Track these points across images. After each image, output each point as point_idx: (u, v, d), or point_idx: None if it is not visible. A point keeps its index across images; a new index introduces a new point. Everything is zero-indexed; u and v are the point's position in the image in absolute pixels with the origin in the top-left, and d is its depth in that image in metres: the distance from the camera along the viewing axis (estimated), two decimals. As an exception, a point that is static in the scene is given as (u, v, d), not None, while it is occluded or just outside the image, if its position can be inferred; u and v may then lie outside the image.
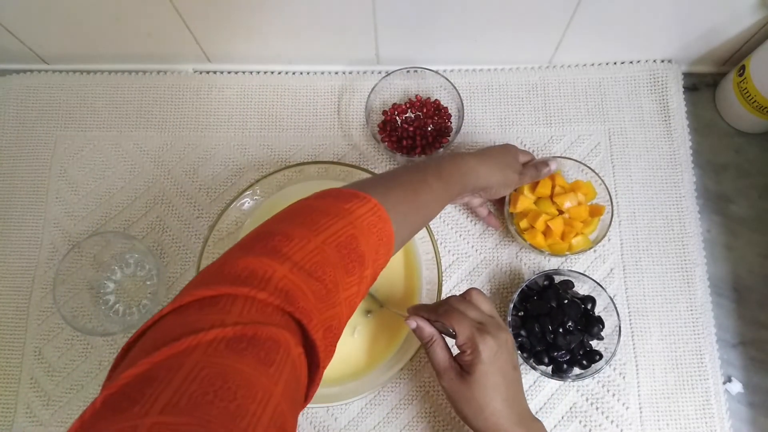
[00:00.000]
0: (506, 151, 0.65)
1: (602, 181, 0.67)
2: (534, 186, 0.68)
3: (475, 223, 0.73)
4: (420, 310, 0.57)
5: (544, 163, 0.67)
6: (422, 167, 0.54)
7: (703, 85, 0.78)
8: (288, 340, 0.33)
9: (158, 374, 0.28)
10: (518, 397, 0.53)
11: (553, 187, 0.68)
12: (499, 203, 0.71)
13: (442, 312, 0.54)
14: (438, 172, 0.54)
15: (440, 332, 0.56)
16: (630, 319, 0.69)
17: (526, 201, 0.67)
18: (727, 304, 0.70)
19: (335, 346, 0.40)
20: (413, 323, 0.56)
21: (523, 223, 0.68)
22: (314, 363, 0.36)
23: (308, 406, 0.62)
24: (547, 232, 0.67)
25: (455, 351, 0.54)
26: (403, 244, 0.51)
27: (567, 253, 0.67)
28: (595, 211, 0.68)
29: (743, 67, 0.70)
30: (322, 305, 0.37)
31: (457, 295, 0.58)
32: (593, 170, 0.68)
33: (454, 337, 0.53)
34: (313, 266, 0.38)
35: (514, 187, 0.65)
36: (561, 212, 0.68)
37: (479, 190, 0.61)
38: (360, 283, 0.42)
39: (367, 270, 0.43)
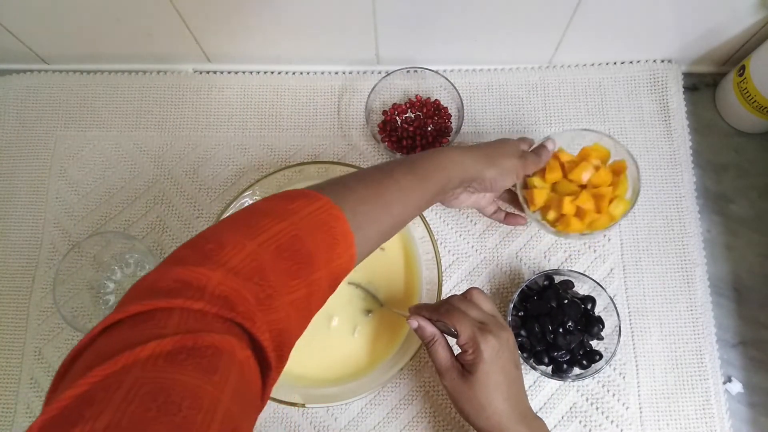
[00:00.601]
0: (499, 140, 0.61)
1: (609, 137, 0.62)
2: (542, 174, 0.63)
3: (476, 223, 0.73)
4: (421, 310, 0.57)
5: (542, 146, 0.62)
6: (393, 164, 0.52)
7: (703, 85, 0.78)
8: (232, 345, 0.32)
9: (96, 395, 0.27)
10: (520, 395, 0.53)
11: (562, 166, 0.63)
12: (516, 203, 0.66)
13: (443, 311, 0.54)
14: (410, 168, 0.51)
15: (441, 332, 0.56)
16: (630, 319, 0.69)
17: (542, 193, 0.62)
18: (727, 304, 0.70)
19: (289, 350, 0.39)
20: (415, 323, 0.56)
21: (551, 215, 0.62)
22: (266, 365, 0.36)
23: (308, 406, 0.62)
24: (579, 213, 0.61)
25: (457, 350, 0.54)
26: (375, 245, 0.49)
27: (611, 223, 0.61)
28: (618, 169, 0.62)
29: (743, 67, 0.70)
30: (265, 308, 0.36)
31: (458, 294, 0.58)
32: (594, 130, 0.63)
33: (455, 336, 0.53)
34: (249, 271, 0.36)
35: (515, 174, 0.59)
36: (584, 187, 0.62)
37: (469, 182, 0.57)
38: (310, 286, 0.40)
39: (319, 272, 0.41)
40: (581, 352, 0.65)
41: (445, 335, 0.56)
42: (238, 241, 0.38)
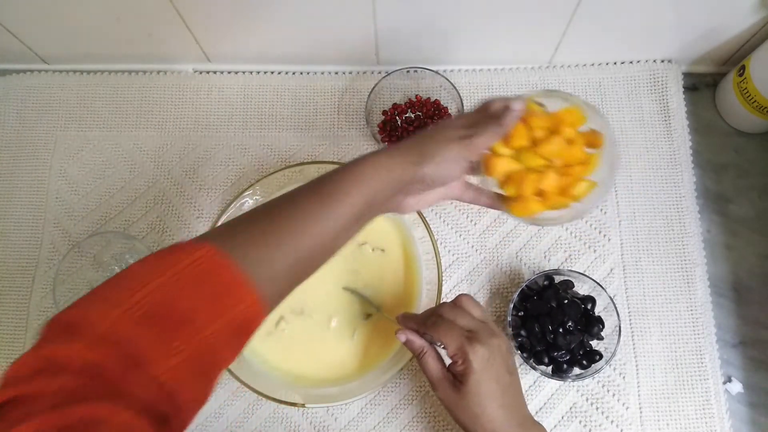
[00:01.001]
0: (435, 126, 0.52)
1: (591, 105, 0.52)
2: (507, 138, 0.50)
3: (476, 223, 0.73)
4: (409, 321, 0.56)
5: (506, 109, 0.48)
6: (301, 188, 0.46)
7: (703, 85, 0.78)
8: (109, 411, 0.32)
9: None
10: (516, 402, 0.52)
11: (530, 132, 0.50)
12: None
13: (430, 324, 0.54)
14: (315, 191, 0.45)
15: (432, 342, 0.55)
16: (630, 319, 0.69)
17: (502, 161, 0.50)
18: (727, 304, 0.70)
19: (189, 407, 0.37)
20: (403, 337, 0.55)
21: (510, 190, 0.51)
22: (161, 420, 0.34)
23: (308, 406, 0.62)
24: (541, 194, 0.51)
25: (449, 360, 0.54)
26: (292, 282, 0.44)
27: (571, 203, 0.52)
28: (592, 142, 0.51)
29: (743, 67, 0.70)
30: (139, 372, 0.34)
31: (448, 302, 0.57)
32: (573, 95, 0.52)
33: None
34: (116, 340, 0.35)
35: (461, 159, 0.49)
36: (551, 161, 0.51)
37: (406, 187, 0.48)
38: (200, 343, 0.37)
39: (210, 327, 0.38)
40: (581, 352, 0.65)
41: (436, 345, 0.55)
42: (102, 311, 0.36)
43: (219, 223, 0.67)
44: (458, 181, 0.54)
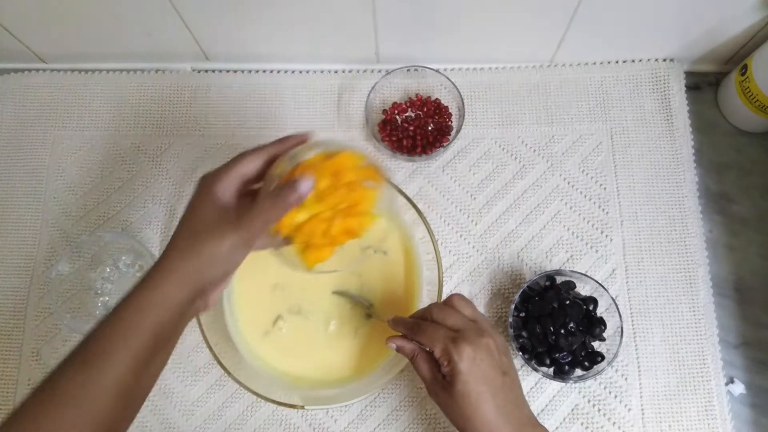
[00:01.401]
0: (197, 208, 0.46)
1: (358, 150, 0.50)
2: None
3: (477, 224, 0.72)
4: (399, 325, 0.56)
5: (290, 187, 0.45)
6: (68, 356, 0.42)
7: (705, 85, 0.78)
8: None
9: None
10: (513, 403, 0.51)
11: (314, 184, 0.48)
12: None
13: (416, 330, 0.53)
14: (80, 356, 0.41)
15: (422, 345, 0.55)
16: (632, 320, 0.69)
17: (290, 216, 0.47)
18: (729, 305, 0.70)
19: None
20: (393, 345, 0.55)
21: (300, 240, 0.50)
22: None
23: (308, 407, 0.62)
24: (328, 236, 0.50)
25: None
26: None
27: (356, 238, 0.51)
28: (371, 176, 0.50)
29: (745, 66, 0.70)
30: None
31: (438, 302, 0.56)
32: (333, 142, 0.51)
33: None
34: None
35: (241, 245, 0.44)
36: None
37: (194, 297, 0.44)
38: None
39: None
40: (583, 354, 0.64)
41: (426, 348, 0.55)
42: None
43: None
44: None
